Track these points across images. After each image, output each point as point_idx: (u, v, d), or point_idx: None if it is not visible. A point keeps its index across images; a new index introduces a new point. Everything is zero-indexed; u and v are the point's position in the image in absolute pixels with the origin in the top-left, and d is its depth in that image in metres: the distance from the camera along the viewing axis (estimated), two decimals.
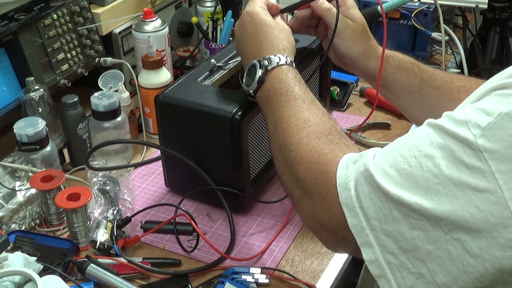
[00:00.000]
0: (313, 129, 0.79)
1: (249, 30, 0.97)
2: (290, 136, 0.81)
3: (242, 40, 0.99)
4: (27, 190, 1.08)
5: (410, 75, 1.04)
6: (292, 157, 0.78)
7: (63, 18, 1.29)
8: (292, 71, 0.91)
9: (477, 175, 0.58)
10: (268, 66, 0.91)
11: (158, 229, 1.02)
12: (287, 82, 0.89)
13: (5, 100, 1.19)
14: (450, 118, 0.63)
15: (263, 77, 0.91)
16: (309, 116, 0.82)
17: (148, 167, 1.23)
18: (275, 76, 0.91)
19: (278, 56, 0.92)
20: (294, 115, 0.83)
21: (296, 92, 0.87)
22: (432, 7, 1.51)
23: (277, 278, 0.96)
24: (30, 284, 0.85)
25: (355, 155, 0.71)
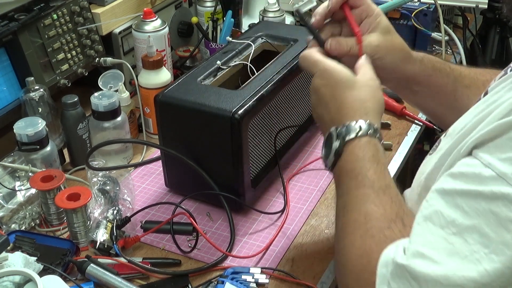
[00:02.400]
0: (372, 225, 0.71)
1: (326, 94, 0.84)
2: (346, 236, 0.74)
3: (320, 106, 0.86)
4: (27, 190, 1.08)
5: (444, 76, 0.98)
6: (344, 262, 0.72)
7: (63, 18, 1.29)
8: (373, 147, 0.79)
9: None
10: (346, 136, 0.80)
11: (158, 229, 1.02)
12: (362, 162, 0.78)
13: (5, 100, 1.19)
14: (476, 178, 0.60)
15: (341, 149, 0.80)
16: (373, 209, 0.73)
17: (148, 167, 1.23)
18: (351, 151, 0.79)
19: (359, 124, 0.80)
20: (356, 208, 0.75)
21: (369, 178, 0.76)
22: (432, 7, 1.51)
23: (277, 278, 0.96)
24: (30, 284, 0.85)
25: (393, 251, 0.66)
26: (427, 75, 0.97)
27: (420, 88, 0.97)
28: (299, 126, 1.23)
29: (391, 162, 1.23)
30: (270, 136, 1.12)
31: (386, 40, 0.93)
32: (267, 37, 1.24)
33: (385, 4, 1.48)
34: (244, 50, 1.19)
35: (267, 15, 1.52)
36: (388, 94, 1.40)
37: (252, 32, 1.26)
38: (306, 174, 1.19)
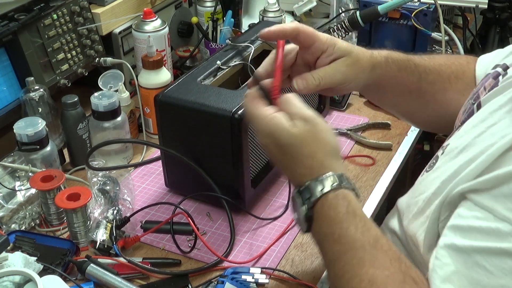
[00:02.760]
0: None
1: (275, 153, 0.78)
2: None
3: (276, 162, 0.80)
4: (27, 190, 1.08)
5: (409, 75, 0.95)
6: None
7: (63, 18, 1.29)
8: (342, 200, 0.72)
9: None
10: (311, 198, 0.73)
11: (158, 229, 1.02)
12: (339, 223, 0.71)
13: (5, 100, 1.19)
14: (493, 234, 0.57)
15: (310, 214, 0.73)
16: (375, 272, 0.66)
17: (148, 167, 1.23)
18: (323, 214, 0.72)
19: (320, 181, 0.73)
20: (355, 275, 0.67)
21: (352, 237, 0.69)
22: (432, 7, 1.51)
23: (277, 278, 0.96)
24: (30, 284, 0.85)
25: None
26: (393, 76, 0.94)
27: (387, 89, 0.95)
28: None
29: (391, 162, 1.23)
30: None
31: (351, 63, 0.89)
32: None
33: (385, 4, 1.48)
34: (244, 50, 1.19)
35: (267, 15, 1.52)
36: None
37: (252, 32, 1.26)
38: None
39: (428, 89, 0.96)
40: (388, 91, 0.96)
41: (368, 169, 1.21)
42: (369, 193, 1.14)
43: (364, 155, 1.25)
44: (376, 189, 1.15)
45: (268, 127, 0.77)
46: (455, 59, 1.01)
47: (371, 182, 1.17)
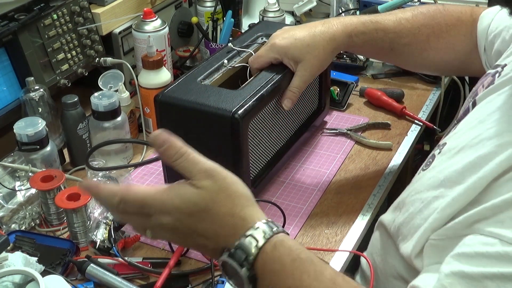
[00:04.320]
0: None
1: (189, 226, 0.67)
2: None
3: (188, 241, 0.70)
4: (27, 190, 1.08)
5: (378, 43, 1.04)
6: None
7: (63, 18, 1.29)
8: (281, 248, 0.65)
9: None
10: (249, 258, 0.64)
11: None
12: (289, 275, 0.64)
13: (5, 100, 1.19)
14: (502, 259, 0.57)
15: (253, 274, 0.65)
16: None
17: (148, 167, 1.23)
18: (266, 270, 0.65)
19: (250, 236, 0.65)
20: None
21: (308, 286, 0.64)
22: None
23: None
24: (32, 284, 0.85)
25: None
26: (359, 47, 1.06)
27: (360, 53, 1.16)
28: (299, 126, 1.23)
29: (391, 162, 1.23)
30: (270, 136, 1.12)
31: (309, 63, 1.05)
32: (267, 37, 1.24)
33: (385, 4, 1.48)
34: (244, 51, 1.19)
35: (267, 15, 1.52)
36: (388, 94, 1.41)
37: (252, 32, 1.26)
38: (306, 174, 1.19)
39: (404, 50, 1.04)
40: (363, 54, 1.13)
41: (368, 169, 1.21)
42: (369, 193, 1.14)
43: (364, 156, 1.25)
44: (376, 189, 1.15)
45: (170, 200, 0.67)
46: (442, 16, 1.05)
47: (371, 182, 1.17)
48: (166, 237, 0.74)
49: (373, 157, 1.25)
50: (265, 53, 1.07)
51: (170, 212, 0.67)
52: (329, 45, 1.04)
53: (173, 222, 0.67)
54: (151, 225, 0.68)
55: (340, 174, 1.20)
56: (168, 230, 0.68)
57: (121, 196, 0.68)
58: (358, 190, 1.15)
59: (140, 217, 0.68)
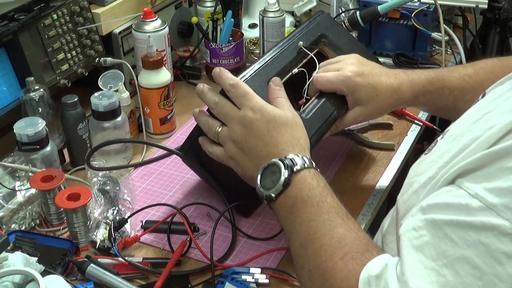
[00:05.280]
0: (349, 248, 0.71)
1: (259, 128, 0.86)
2: (324, 261, 0.72)
3: (253, 139, 0.87)
4: (27, 190, 1.08)
5: (442, 101, 1.04)
6: (328, 286, 0.70)
7: (63, 18, 1.29)
8: (322, 178, 0.81)
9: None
10: (293, 167, 0.80)
11: (158, 228, 1.03)
12: (318, 190, 0.79)
13: (5, 100, 1.19)
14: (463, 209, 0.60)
15: (289, 179, 0.80)
16: (344, 233, 0.73)
17: (148, 167, 1.23)
18: (303, 180, 0.80)
19: (302, 158, 0.82)
20: (327, 233, 0.74)
21: (329, 204, 0.77)
22: (432, 7, 1.51)
23: (277, 278, 0.96)
24: (32, 284, 0.85)
25: (377, 267, 0.66)
26: (422, 104, 1.08)
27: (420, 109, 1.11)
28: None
29: (391, 162, 1.23)
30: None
31: (368, 110, 1.05)
32: (329, 43, 1.17)
33: (385, 4, 1.48)
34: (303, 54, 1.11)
35: (267, 15, 1.52)
36: None
37: (315, 28, 1.17)
38: None
39: (466, 107, 0.99)
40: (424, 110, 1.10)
41: (368, 169, 1.21)
42: (369, 193, 1.14)
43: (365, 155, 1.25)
44: (376, 189, 1.15)
45: (263, 104, 0.88)
46: (499, 68, 1.04)
47: (371, 182, 1.17)
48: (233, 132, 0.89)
49: (373, 157, 1.25)
50: (334, 81, 1.04)
51: (256, 111, 0.87)
52: (394, 102, 1.06)
53: (253, 119, 0.86)
54: (232, 116, 0.88)
55: (340, 174, 1.20)
56: (242, 125, 0.87)
57: (236, 82, 0.90)
58: (358, 190, 1.15)
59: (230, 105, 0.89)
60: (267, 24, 1.51)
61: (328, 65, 1.08)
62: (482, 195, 0.59)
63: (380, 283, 0.65)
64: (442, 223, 0.61)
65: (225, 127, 0.91)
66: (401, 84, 1.05)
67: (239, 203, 1.05)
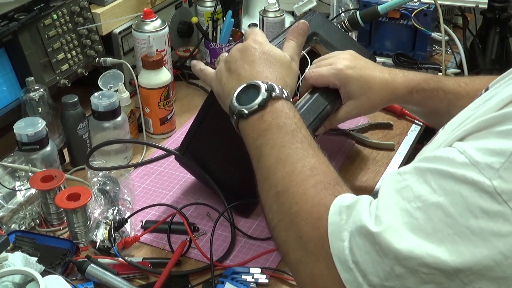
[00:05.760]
0: (320, 178, 0.71)
1: (252, 54, 0.88)
2: (295, 185, 0.71)
3: (239, 62, 0.88)
4: (27, 190, 1.08)
5: (436, 102, 1.02)
6: (296, 210, 0.69)
7: (63, 18, 1.29)
8: (298, 112, 0.81)
9: (498, 219, 0.55)
10: (272, 92, 0.80)
11: (158, 228, 1.03)
12: (294, 120, 0.79)
13: (5, 100, 1.19)
14: (449, 161, 0.60)
15: (266, 101, 0.80)
16: (316, 163, 0.74)
17: (148, 167, 1.23)
18: (281, 108, 0.80)
19: (282, 89, 0.82)
20: (299, 161, 0.74)
21: (303, 134, 0.77)
22: (432, 7, 1.51)
23: (277, 278, 0.96)
24: (32, 284, 0.85)
25: (349, 198, 0.67)
26: (415, 105, 1.06)
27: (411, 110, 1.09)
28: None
29: (391, 162, 1.23)
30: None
31: (361, 103, 1.03)
32: (321, 41, 1.16)
33: (385, 4, 1.48)
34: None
35: (267, 15, 1.52)
36: None
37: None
38: None
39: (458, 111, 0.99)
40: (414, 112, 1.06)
41: (368, 169, 1.21)
42: (369, 193, 1.14)
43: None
44: (376, 189, 1.15)
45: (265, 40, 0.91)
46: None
47: (371, 182, 1.17)
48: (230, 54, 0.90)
49: (373, 157, 1.25)
50: (327, 74, 1.03)
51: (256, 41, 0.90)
52: (387, 96, 1.04)
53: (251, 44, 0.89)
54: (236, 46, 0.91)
55: (340, 174, 1.19)
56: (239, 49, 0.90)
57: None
58: (358, 190, 1.15)
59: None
60: (267, 24, 1.51)
61: (321, 61, 1.07)
62: (469, 152, 0.59)
63: (351, 213, 0.64)
64: (426, 170, 0.61)
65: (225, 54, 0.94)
66: (395, 78, 1.04)
67: (238, 203, 1.05)
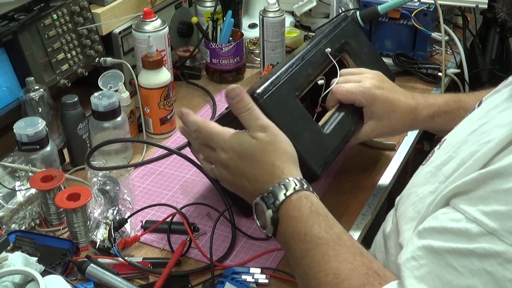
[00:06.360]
0: (347, 284, 0.69)
1: (238, 167, 0.83)
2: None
3: (237, 179, 0.85)
4: (27, 190, 1.08)
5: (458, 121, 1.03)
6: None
7: (63, 18, 1.29)
8: (305, 201, 0.78)
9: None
10: (275, 202, 0.78)
11: (158, 228, 1.03)
12: (303, 222, 0.76)
13: (5, 100, 1.19)
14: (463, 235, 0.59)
15: (276, 217, 0.78)
16: (339, 266, 0.71)
17: (148, 167, 1.23)
18: (287, 215, 0.78)
19: (283, 185, 0.79)
20: (321, 270, 0.72)
21: (316, 235, 0.75)
22: (432, 7, 1.51)
23: (277, 278, 0.96)
24: (32, 284, 0.85)
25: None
26: (439, 126, 1.07)
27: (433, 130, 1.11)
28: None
29: (391, 162, 1.23)
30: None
31: (383, 125, 1.05)
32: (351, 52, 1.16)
33: (385, 4, 1.48)
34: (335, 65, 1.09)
35: (267, 15, 1.52)
36: None
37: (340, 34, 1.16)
38: None
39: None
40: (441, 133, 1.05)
41: (368, 169, 1.21)
42: (369, 193, 1.14)
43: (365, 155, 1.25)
44: (376, 189, 1.16)
45: (230, 140, 0.84)
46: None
47: (371, 182, 1.17)
48: (222, 175, 0.87)
49: (373, 157, 1.25)
50: (355, 92, 1.03)
51: (227, 151, 0.83)
52: (409, 122, 1.06)
53: (227, 160, 0.84)
54: (214, 159, 0.87)
55: (340, 174, 1.20)
56: (223, 167, 0.85)
57: (198, 126, 0.87)
58: (358, 190, 1.15)
59: (207, 148, 0.87)
60: (267, 24, 1.51)
61: (349, 75, 1.07)
62: (481, 220, 0.58)
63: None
64: (443, 251, 0.60)
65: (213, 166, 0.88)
66: (418, 104, 1.06)
67: (239, 203, 1.05)
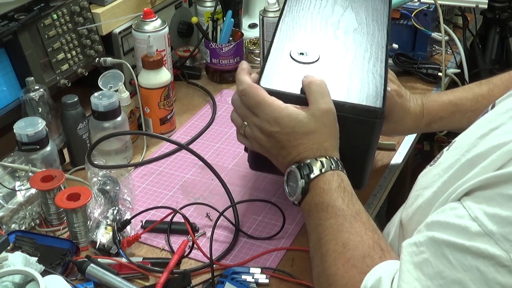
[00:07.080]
0: (351, 254, 0.74)
1: (280, 140, 0.86)
2: (328, 267, 0.75)
3: (275, 149, 0.87)
4: (27, 190, 1.08)
5: (456, 124, 1.07)
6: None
7: (63, 18, 1.29)
8: (336, 177, 0.82)
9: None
10: (310, 174, 0.83)
11: (158, 229, 1.03)
12: (329, 194, 0.81)
13: (5, 100, 1.19)
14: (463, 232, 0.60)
15: (307, 187, 0.83)
16: (349, 237, 0.76)
17: (148, 167, 1.23)
18: (317, 186, 0.82)
19: (320, 161, 0.83)
20: (333, 238, 0.77)
21: (338, 207, 0.79)
22: (432, 7, 1.51)
23: (277, 278, 0.96)
24: (32, 284, 0.85)
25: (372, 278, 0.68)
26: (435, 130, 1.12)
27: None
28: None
29: (391, 162, 1.23)
30: None
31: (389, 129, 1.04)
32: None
33: None
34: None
35: (267, 15, 1.52)
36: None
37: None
38: None
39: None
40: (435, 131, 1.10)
41: None
42: (369, 193, 1.14)
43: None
44: (376, 189, 1.15)
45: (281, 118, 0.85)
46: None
47: (371, 182, 1.17)
48: (257, 138, 0.88)
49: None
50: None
51: (274, 125, 0.85)
52: (409, 129, 1.11)
53: (271, 132, 0.85)
54: (251, 122, 0.87)
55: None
56: (263, 134, 0.86)
57: (247, 86, 0.86)
58: (358, 190, 1.15)
59: (247, 111, 0.87)
60: (267, 24, 1.51)
61: None
62: (481, 220, 0.59)
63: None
64: (442, 242, 0.62)
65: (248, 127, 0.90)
66: (421, 112, 1.08)
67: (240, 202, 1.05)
